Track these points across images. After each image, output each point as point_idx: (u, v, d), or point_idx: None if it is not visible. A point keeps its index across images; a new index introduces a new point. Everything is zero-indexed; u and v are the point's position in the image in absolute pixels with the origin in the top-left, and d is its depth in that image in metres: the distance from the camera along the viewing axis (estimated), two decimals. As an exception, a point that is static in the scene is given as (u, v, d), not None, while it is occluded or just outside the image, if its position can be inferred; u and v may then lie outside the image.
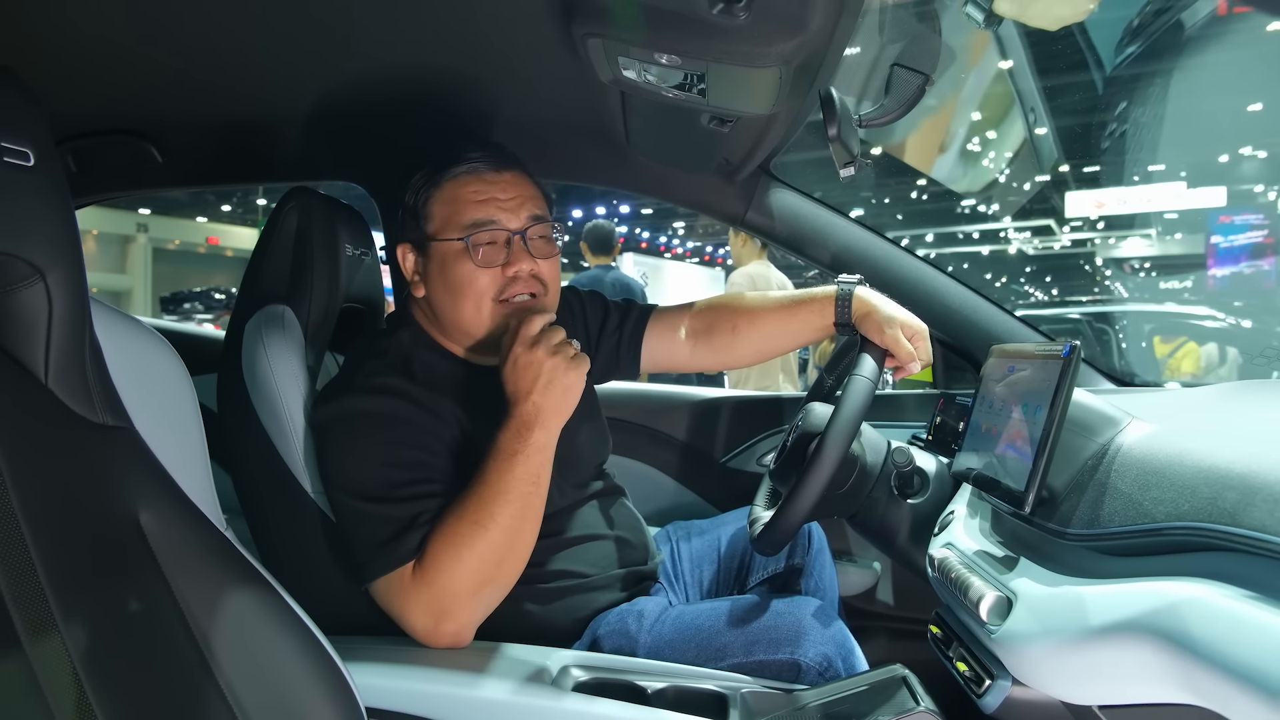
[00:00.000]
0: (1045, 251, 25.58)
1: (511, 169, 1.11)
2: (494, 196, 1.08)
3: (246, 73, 1.22)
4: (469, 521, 0.95)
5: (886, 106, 0.90)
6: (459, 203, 1.08)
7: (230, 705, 0.72)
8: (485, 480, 0.97)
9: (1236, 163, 15.62)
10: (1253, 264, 12.83)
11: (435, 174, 1.10)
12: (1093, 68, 11.49)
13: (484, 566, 0.95)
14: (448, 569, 0.94)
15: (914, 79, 0.88)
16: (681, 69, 0.88)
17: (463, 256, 1.06)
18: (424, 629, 0.96)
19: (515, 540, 0.97)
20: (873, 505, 1.17)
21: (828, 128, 0.90)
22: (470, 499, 0.97)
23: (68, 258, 0.68)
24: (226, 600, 0.75)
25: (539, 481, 0.98)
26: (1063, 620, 0.74)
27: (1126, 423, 0.84)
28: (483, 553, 0.95)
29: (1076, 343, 0.81)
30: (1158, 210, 15.66)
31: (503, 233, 1.07)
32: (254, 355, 1.08)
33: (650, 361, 1.33)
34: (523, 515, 0.97)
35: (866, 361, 1.09)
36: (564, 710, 0.89)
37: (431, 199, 1.10)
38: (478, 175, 1.09)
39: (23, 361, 0.67)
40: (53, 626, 0.62)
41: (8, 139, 0.63)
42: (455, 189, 1.09)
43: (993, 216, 22.78)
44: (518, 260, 1.08)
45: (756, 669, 1.01)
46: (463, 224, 1.07)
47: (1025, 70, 10.83)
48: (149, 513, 0.72)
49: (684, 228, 27.21)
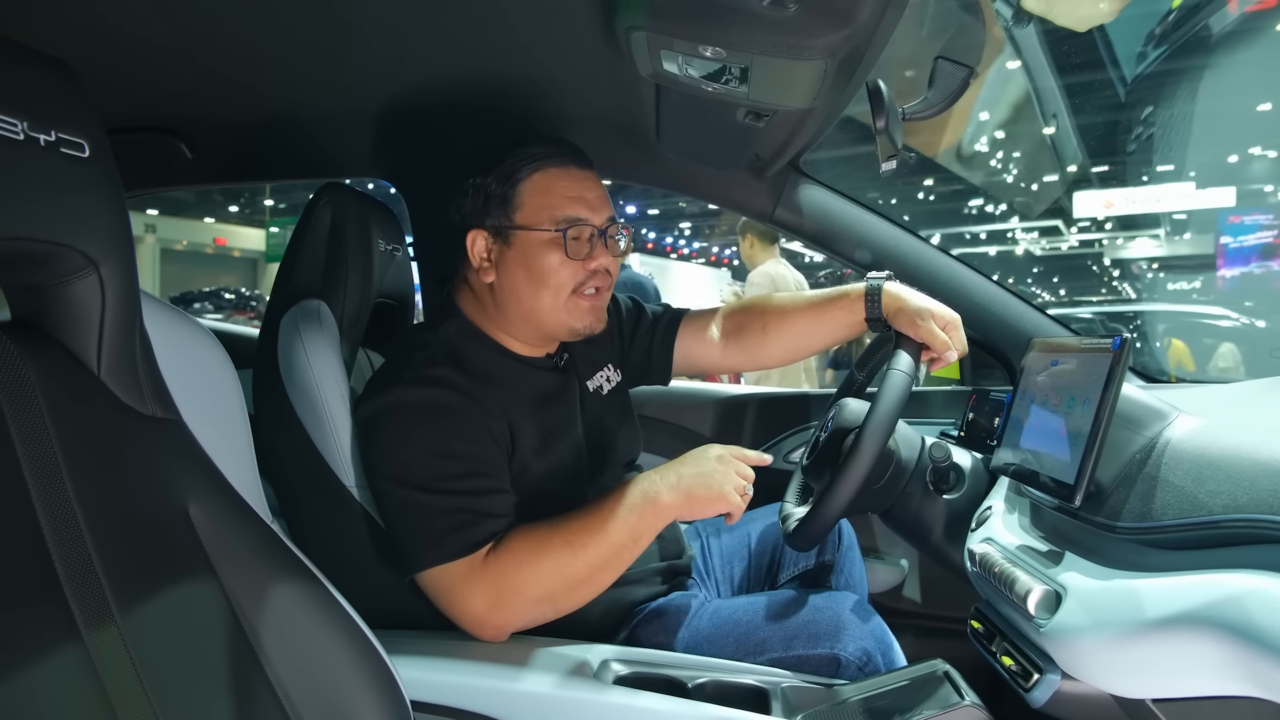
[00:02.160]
0: (1053, 252, 25.49)
1: (590, 168, 1.14)
2: (584, 194, 1.10)
3: (279, 73, 1.23)
4: (562, 540, 0.97)
5: (930, 100, 0.89)
6: (553, 195, 1.09)
7: (279, 697, 0.73)
8: (597, 514, 0.99)
9: (1246, 163, 15.56)
10: (1263, 264, 12.76)
11: (523, 163, 1.10)
12: (1108, 65, 11.47)
13: (555, 583, 0.96)
14: (523, 568, 0.95)
15: (958, 72, 0.87)
16: (725, 62, 0.87)
17: (551, 247, 1.08)
18: (476, 614, 0.96)
19: (591, 579, 0.98)
20: (907, 501, 1.17)
21: (875, 120, 0.89)
22: (573, 522, 0.99)
23: (121, 250, 0.68)
24: (274, 594, 0.75)
25: (637, 544, 0.99)
26: (1116, 613, 0.73)
27: (1174, 416, 0.84)
28: (561, 572, 0.96)
29: (1127, 335, 0.81)
30: (1166, 211, 15.62)
31: (589, 229, 1.10)
32: (291, 350, 1.08)
33: (683, 363, 1.33)
34: (608, 562, 0.98)
35: (902, 356, 1.08)
36: (607, 704, 0.89)
37: (521, 187, 1.10)
38: (567, 170, 1.11)
39: (76, 353, 0.68)
40: (109, 617, 0.62)
41: (65, 130, 0.64)
42: (548, 181, 1.09)
43: (999, 217, 22.73)
44: (599, 255, 1.11)
45: (795, 664, 1.01)
46: (557, 217, 1.08)
47: (1045, 69, 10.81)
48: (197, 505, 0.73)
49: (690, 229, 27.22)
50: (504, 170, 1.10)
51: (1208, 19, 9.10)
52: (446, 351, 1.09)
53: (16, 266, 0.63)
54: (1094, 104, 13.16)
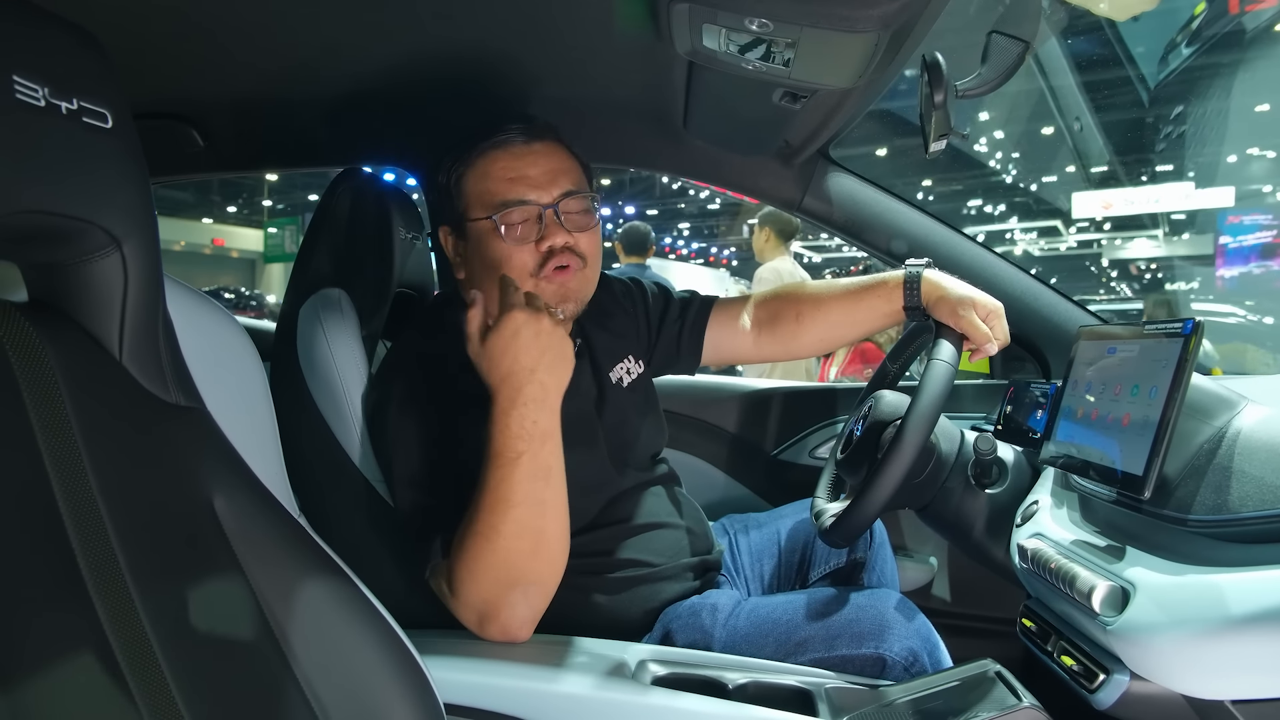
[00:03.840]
0: (1051, 253, 25.52)
1: (543, 139, 1.07)
2: (524, 173, 1.04)
3: (294, 53, 1.19)
4: (473, 534, 0.89)
5: (984, 76, 0.86)
6: (489, 180, 1.05)
7: (308, 699, 0.69)
8: (486, 488, 0.89)
9: (1245, 163, 15.58)
10: (1262, 264, 12.75)
11: (465, 152, 1.07)
12: (1125, 63, 11.49)
13: (504, 573, 0.89)
14: (467, 579, 0.89)
15: (1013, 46, 0.84)
16: (771, 36, 0.84)
17: (494, 236, 1.03)
18: (472, 627, 0.93)
19: (537, 540, 0.89)
20: (947, 496, 1.13)
21: (934, 94, 0.85)
22: (474, 509, 0.90)
23: (144, 227, 0.64)
24: (302, 590, 0.72)
25: (550, 474, 0.90)
26: (1194, 611, 0.70)
27: (1243, 405, 0.80)
28: (495, 563, 0.88)
29: (1199, 319, 0.77)
30: (1165, 211, 15.65)
31: (534, 208, 1.04)
32: (311, 339, 1.04)
33: (713, 352, 1.29)
34: (538, 514, 0.89)
35: (945, 346, 1.05)
36: (648, 705, 0.85)
37: (463, 178, 1.07)
38: (507, 150, 1.05)
39: (97, 336, 0.64)
40: (134, 613, 0.58)
41: (86, 99, 0.60)
42: (485, 166, 1.05)
43: (998, 218, 22.76)
44: (551, 235, 1.03)
45: (839, 664, 0.97)
46: (492, 203, 1.03)
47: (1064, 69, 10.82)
48: (223, 497, 0.69)
49: (689, 229, 27.21)
50: (448, 162, 1.08)
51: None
52: (443, 335, 1.06)
53: (36, 243, 0.60)
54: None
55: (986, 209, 22.30)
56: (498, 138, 1.05)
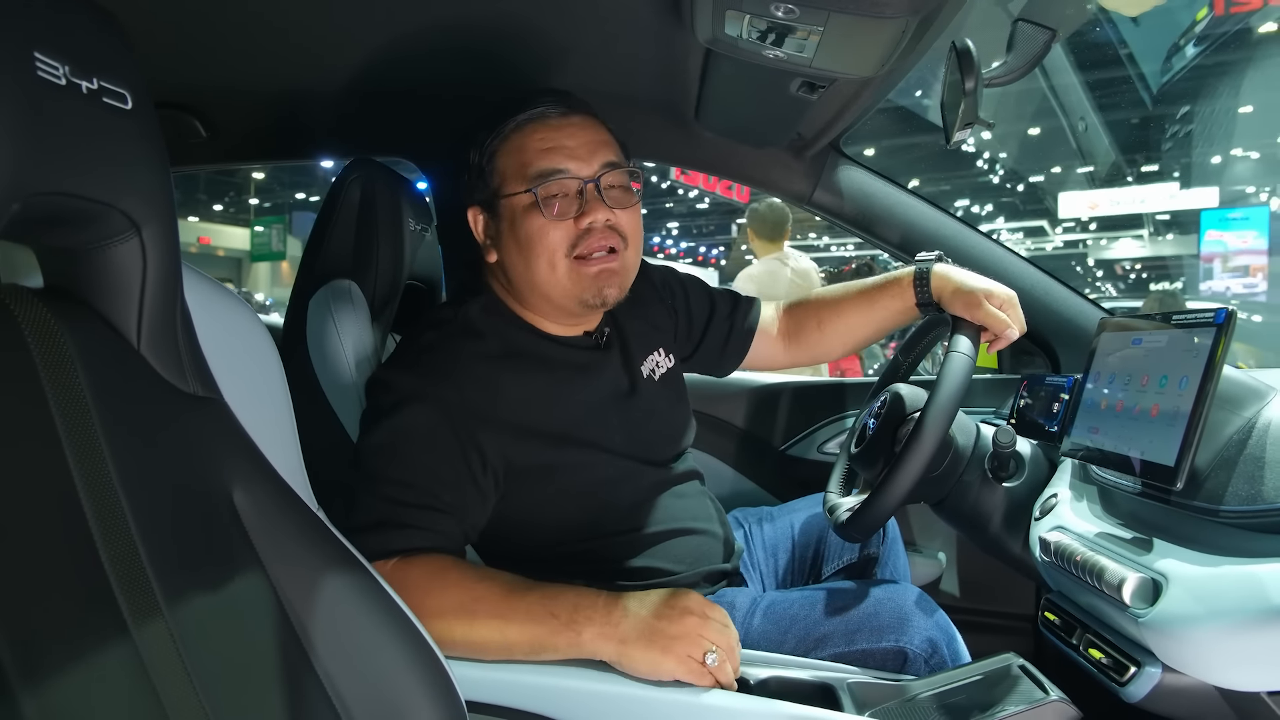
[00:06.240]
0: (1038, 253, 25.68)
1: (580, 112, 1.03)
2: (562, 143, 0.99)
3: (298, 42, 1.17)
4: (455, 600, 0.86)
5: (1010, 64, 0.85)
6: (525, 153, 0.99)
7: (329, 695, 0.68)
8: (510, 596, 0.86)
9: (1230, 164, 15.75)
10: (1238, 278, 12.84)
11: (499, 126, 1.02)
12: (1126, 63, 11.56)
13: (444, 630, 0.84)
14: (415, 603, 0.79)
15: (1039, 34, 0.83)
16: (797, 22, 0.82)
17: (532, 210, 0.98)
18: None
19: (470, 647, 0.86)
20: (964, 490, 1.12)
21: (965, 81, 0.84)
22: (483, 585, 0.87)
23: (163, 212, 0.62)
24: (323, 585, 0.70)
25: (535, 654, 0.86)
26: (1230, 602, 0.69)
27: (1271, 396, 0.80)
28: (442, 625, 0.84)
29: (1232, 308, 0.76)
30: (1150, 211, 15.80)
31: (574, 181, 0.98)
32: (322, 330, 1.03)
33: (753, 357, 1.30)
34: (489, 648, 0.86)
35: (962, 338, 1.04)
36: (671, 701, 0.84)
37: (497, 153, 1.02)
38: (544, 122, 1.00)
39: (115, 324, 0.62)
40: (157, 609, 0.57)
41: (107, 79, 0.58)
42: (520, 139, 1.00)
43: (985, 218, 22.85)
44: (592, 211, 0.98)
45: (860, 658, 0.96)
46: (529, 175, 0.98)
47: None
48: (242, 492, 0.68)
49: (677, 229, 27.20)
50: (481, 137, 1.03)
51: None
52: (462, 329, 1.02)
53: (54, 226, 0.58)
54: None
55: (974, 209, 22.39)
56: (533, 110, 1.01)
